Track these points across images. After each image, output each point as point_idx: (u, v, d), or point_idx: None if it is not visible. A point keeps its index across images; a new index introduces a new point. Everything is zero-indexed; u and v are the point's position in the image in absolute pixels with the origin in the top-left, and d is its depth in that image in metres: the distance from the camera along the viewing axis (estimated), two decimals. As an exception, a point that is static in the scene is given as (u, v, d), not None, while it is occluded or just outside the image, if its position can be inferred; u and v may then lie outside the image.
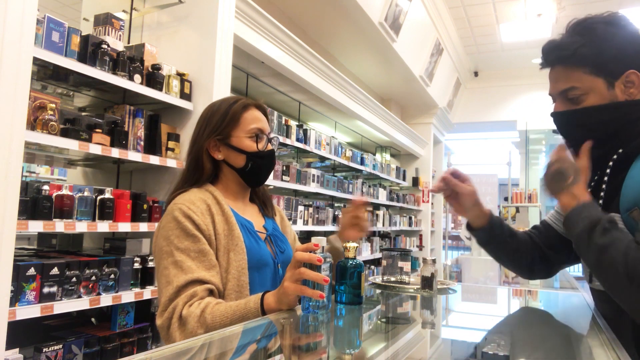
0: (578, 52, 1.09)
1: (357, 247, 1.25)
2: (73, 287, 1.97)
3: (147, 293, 2.31)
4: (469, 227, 1.38)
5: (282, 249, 1.40)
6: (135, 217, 2.28)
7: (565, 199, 1.06)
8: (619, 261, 0.92)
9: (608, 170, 1.12)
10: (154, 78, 2.46)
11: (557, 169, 1.09)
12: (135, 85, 2.33)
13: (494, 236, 1.32)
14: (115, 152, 2.20)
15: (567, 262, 1.34)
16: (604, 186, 1.13)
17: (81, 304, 1.99)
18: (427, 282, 1.46)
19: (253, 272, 1.25)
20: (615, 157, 1.11)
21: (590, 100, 1.10)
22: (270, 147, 1.38)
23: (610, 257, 0.94)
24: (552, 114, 1.20)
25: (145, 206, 2.33)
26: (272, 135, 1.40)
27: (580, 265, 1.31)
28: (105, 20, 2.41)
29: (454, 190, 1.34)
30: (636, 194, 1.01)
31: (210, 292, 1.16)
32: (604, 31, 1.09)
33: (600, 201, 1.12)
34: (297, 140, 4.02)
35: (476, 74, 8.78)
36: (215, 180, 1.36)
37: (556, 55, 1.14)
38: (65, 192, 1.99)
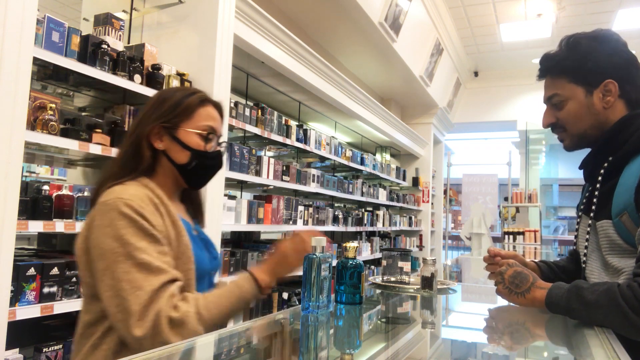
0: (560, 63, 1.24)
1: (356, 247, 1.26)
2: (73, 287, 1.97)
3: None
4: None
5: (214, 254, 1.30)
6: (135, 217, 2.28)
7: (536, 294, 1.14)
8: (620, 302, 0.99)
9: (600, 178, 1.21)
10: (154, 78, 2.46)
11: (515, 271, 1.18)
12: (135, 85, 2.33)
13: (549, 279, 1.36)
14: (115, 152, 2.20)
15: None
16: (596, 193, 1.22)
17: (81, 304, 1.99)
18: (427, 282, 1.46)
19: (196, 283, 1.15)
20: (605, 165, 1.20)
21: (569, 107, 1.24)
22: (218, 149, 1.26)
23: (611, 300, 1.00)
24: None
25: (145, 206, 2.32)
26: (223, 139, 1.29)
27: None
28: (105, 20, 2.40)
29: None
30: (625, 199, 1.10)
31: (181, 289, 1.07)
32: (587, 45, 1.22)
33: (593, 207, 1.22)
34: (297, 140, 4.02)
35: (476, 74, 8.78)
36: (151, 173, 1.20)
37: (545, 67, 1.29)
38: (65, 192, 1.99)
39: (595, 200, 1.22)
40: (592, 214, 1.23)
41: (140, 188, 1.12)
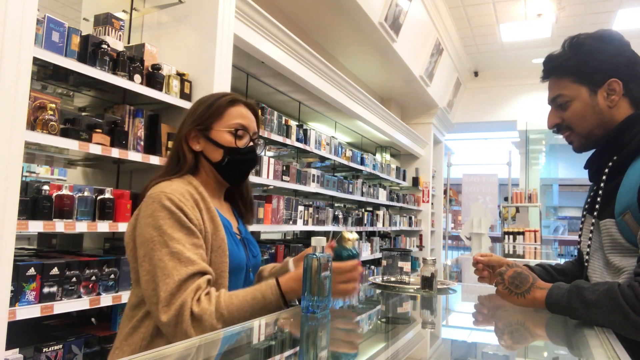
0: (564, 63, 1.25)
1: (356, 238, 1.21)
2: (73, 287, 1.97)
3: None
4: None
5: (254, 253, 1.38)
6: (135, 217, 2.27)
7: (536, 294, 1.14)
8: (620, 302, 0.99)
9: (604, 177, 1.22)
10: (154, 78, 2.46)
11: (515, 272, 1.19)
12: (135, 85, 2.33)
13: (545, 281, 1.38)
14: (115, 152, 2.20)
15: None
16: (600, 192, 1.22)
17: (81, 304, 1.99)
18: (427, 282, 1.46)
19: (230, 276, 1.22)
20: (610, 164, 1.20)
21: (574, 107, 1.24)
22: (250, 145, 1.33)
23: (612, 300, 1.00)
24: None
25: (145, 206, 2.32)
26: (257, 136, 1.35)
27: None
28: (105, 20, 2.40)
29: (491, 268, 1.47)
30: (628, 199, 1.10)
31: (208, 282, 1.14)
32: (590, 45, 1.22)
33: (597, 206, 1.22)
34: (297, 140, 4.02)
35: (476, 74, 8.78)
36: (195, 172, 1.31)
37: (548, 67, 1.29)
38: (65, 192, 1.99)
39: (599, 199, 1.22)
40: (595, 213, 1.23)
41: (183, 184, 1.22)
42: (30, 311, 1.81)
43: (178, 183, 1.22)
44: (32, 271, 1.83)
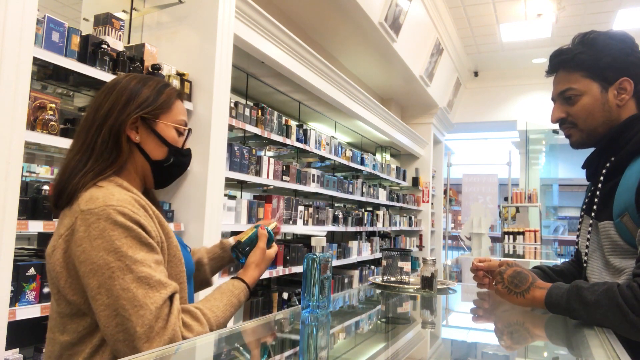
0: (577, 57, 1.22)
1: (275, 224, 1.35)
2: (73, 287, 1.97)
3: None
4: None
5: (189, 253, 1.28)
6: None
7: (535, 293, 1.14)
8: (620, 302, 0.99)
9: (602, 178, 1.22)
10: (154, 78, 2.45)
11: (515, 271, 1.19)
12: (135, 85, 2.32)
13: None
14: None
15: None
16: (598, 193, 1.22)
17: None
18: (427, 282, 1.46)
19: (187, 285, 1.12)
20: (608, 165, 1.20)
21: (583, 101, 1.23)
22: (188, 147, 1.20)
23: (611, 300, 1.00)
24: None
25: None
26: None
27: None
28: (105, 20, 2.40)
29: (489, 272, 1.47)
30: (626, 200, 1.10)
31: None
32: (603, 42, 1.21)
33: (595, 207, 1.22)
34: (297, 140, 4.02)
35: (476, 74, 8.77)
36: (120, 170, 1.09)
37: (558, 60, 1.27)
38: (65, 192, 1.99)
39: (596, 200, 1.22)
40: (593, 214, 1.23)
41: (121, 190, 1.03)
42: (30, 311, 1.81)
43: (115, 189, 1.02)
44: (32, 271, 1.83)
